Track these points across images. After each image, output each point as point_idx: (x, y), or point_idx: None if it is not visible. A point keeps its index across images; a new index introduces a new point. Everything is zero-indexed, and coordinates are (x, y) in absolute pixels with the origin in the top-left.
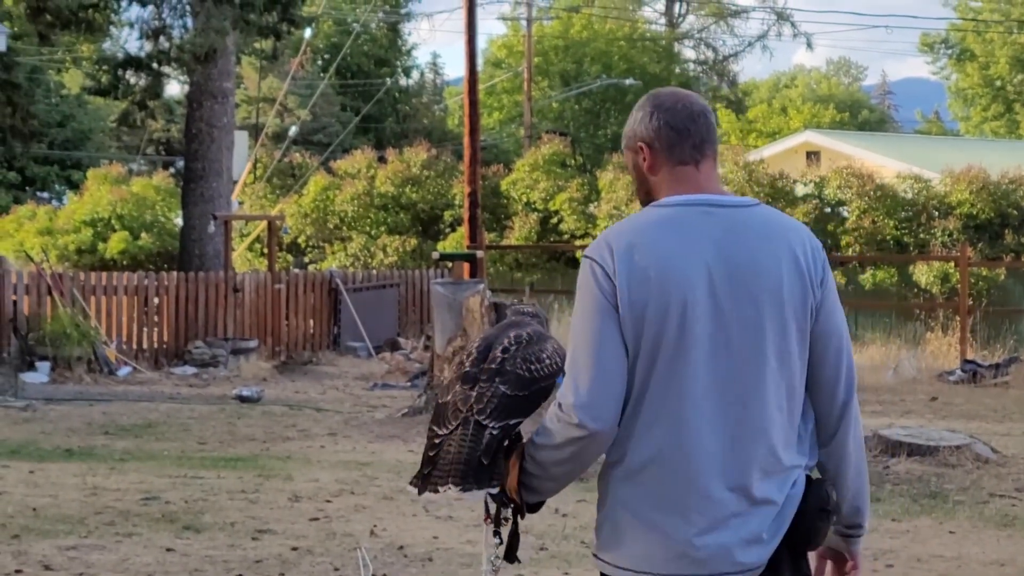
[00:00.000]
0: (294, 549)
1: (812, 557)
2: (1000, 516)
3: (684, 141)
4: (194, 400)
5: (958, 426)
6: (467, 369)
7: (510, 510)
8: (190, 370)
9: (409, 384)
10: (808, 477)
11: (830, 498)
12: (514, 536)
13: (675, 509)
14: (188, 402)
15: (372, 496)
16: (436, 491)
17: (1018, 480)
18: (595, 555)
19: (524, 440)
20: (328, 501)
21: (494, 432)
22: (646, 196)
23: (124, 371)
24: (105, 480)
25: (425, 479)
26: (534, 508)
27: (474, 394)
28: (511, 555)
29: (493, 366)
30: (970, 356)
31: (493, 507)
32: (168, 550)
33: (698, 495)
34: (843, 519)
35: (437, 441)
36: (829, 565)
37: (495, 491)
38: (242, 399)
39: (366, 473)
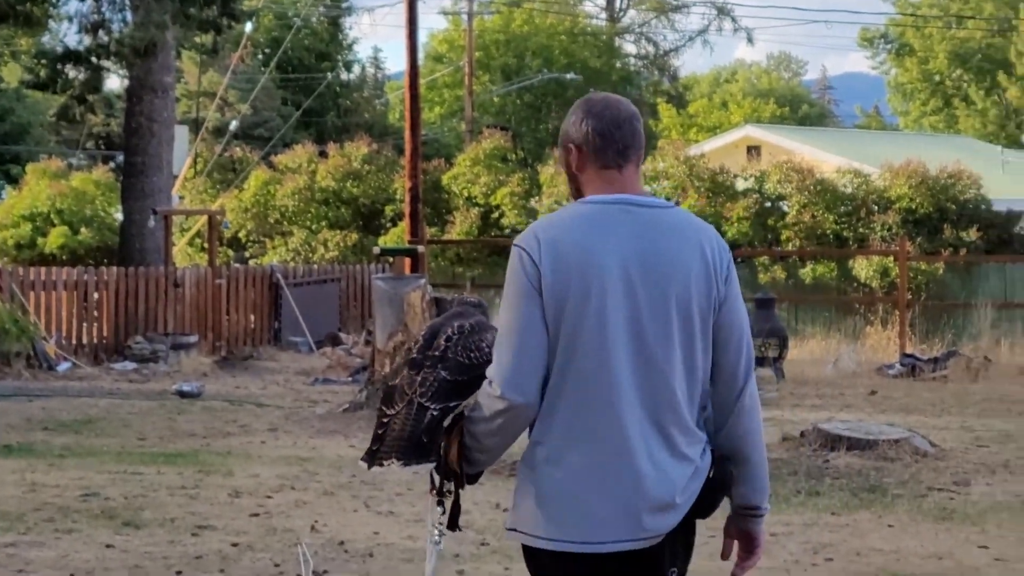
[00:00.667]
0: (234, 545)
1: (702, 539)
2: (938, 510)
3: (609, 147)
4: (134, 396)
5: (897, 420)
6: (414, 356)
7: (452, 483)
8: (130, 365)
9: (350, 379)
10: (713, 453)
11: (732, 476)
12: (456, 506)
13: (595, 483)
14: (128, 398)
15: (313, 492)
16: (382, 465)
17: (956, 474)
18: (513, 529)
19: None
20: (269, 497)
21: (434, 413)
22: (576, 192)
23: (63, 367)
24: (44, 476)
25: (373, 455)
26: (473, 479)
27: (419, 378)
28: (454, 523)
29: (436, 353)
30: (909, 350)
31: (437, 480)
32: (108, 546)
33: (616, 469)
34: (748, 500)
35: (385, 420)
36: (736, 545)
37: (432, 464)
38: (182, 394)
39: (307, 469)
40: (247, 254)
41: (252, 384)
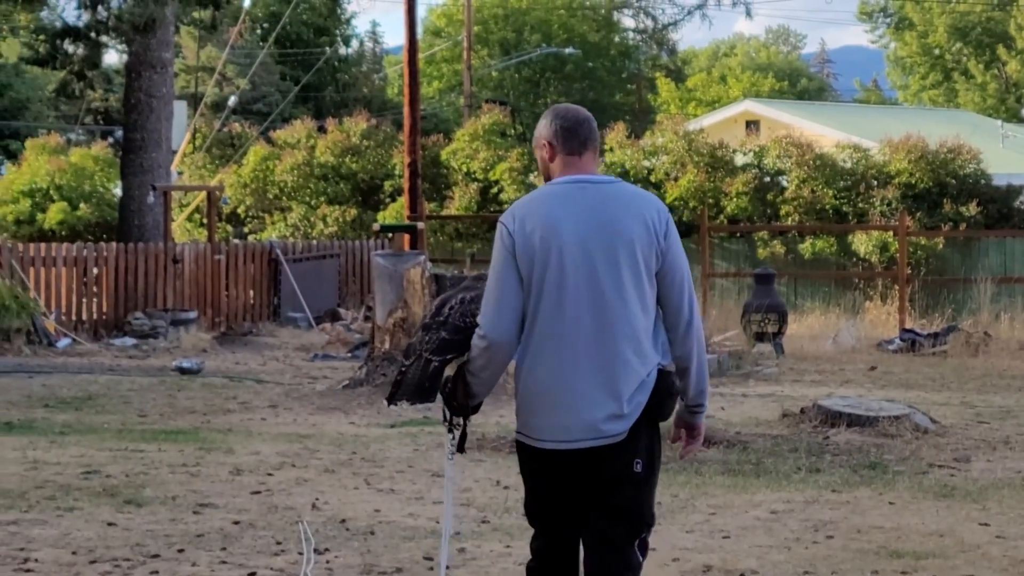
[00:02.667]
0: (236, 523)
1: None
2: (939, 487)
3: (573, 138)
4: (134, 372)
5: (897, 395)
6: (426, 320)
7: (460, 418)
8: (130, 341)
9: (350, 355)
10: (659, 369)
11: (675, 385)
12: (463, 435)
13: (562, 398)
14: (128, 374)
15: (314, 469)
16: (396, 404)
17: (956, 450)
18: (516, 432)
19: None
20: (270, 474)
21: (435, 364)
22: (547, 179)
23: (63, 343)
24: (45, 454)
25: (392, 396)
26: (475, 410)
27: (427, 338)
28: (462, 447)
29: (440, 319)
30: (909, 325)
31: (448, 415)
32: (109, 524)
33: (574, 385)
34: (690, 400)
35: (403, 369)
36: (683, 433)
37: (431, 403)
38: (182, 371)
39: (307, 446)
40: (246, 230)
41: (252, 360)
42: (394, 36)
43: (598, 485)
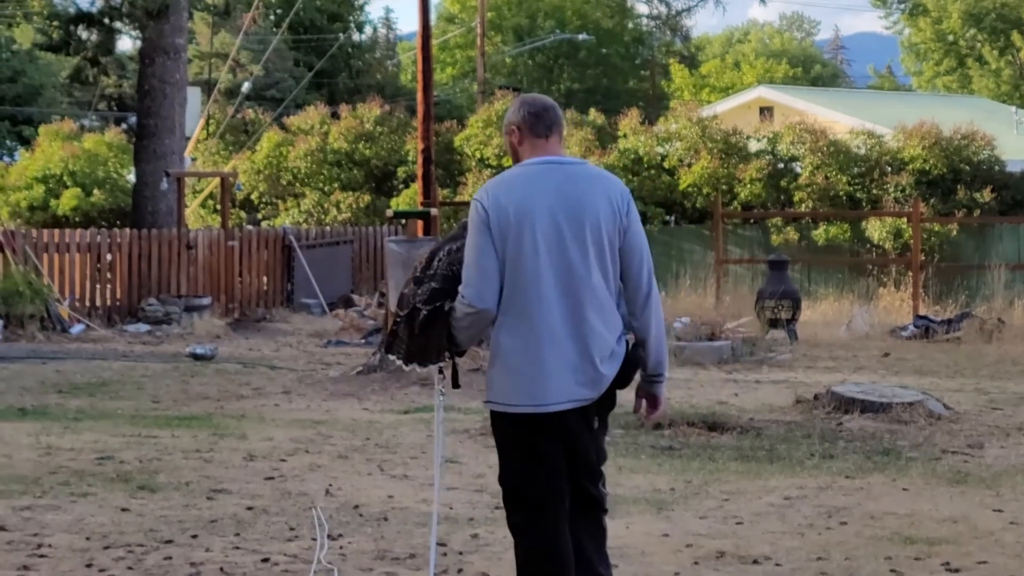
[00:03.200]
0: (249, 509)
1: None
2: (952, 473)
3: (539, 123)
4: (147, 358)
5: (910, 382)
6: (417, 274)
7: (449, 358)
8: (143, 327)
9: (363, 341)
10: (627, 341)
11: (641, 357)
12: (455, 374)
13: (537, 366)
14: (141, 360)
15: (327, 455)
16: (392, 355)
17: (970, 437)
18: (488, 401)
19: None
20: (283, 460)
21: (425, 313)
22: (517, 161)
23: (77, 329)
24: (59, 439)
25: (389, 345)
26: (461, 354)
27: (419, 289)
28: (455, 383)
29: (430, 272)
30: (922, 312)
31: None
32: (123, 510)
33: (552, 353)
34: (650, 370)
35: (397, 320)
36: (644, 402)
37: (425, 368)
38: (196, 357)
39: (321, 432)
40: (259, 216)
41: (265, 346)
42: (408, 22)
43: (566, 445)
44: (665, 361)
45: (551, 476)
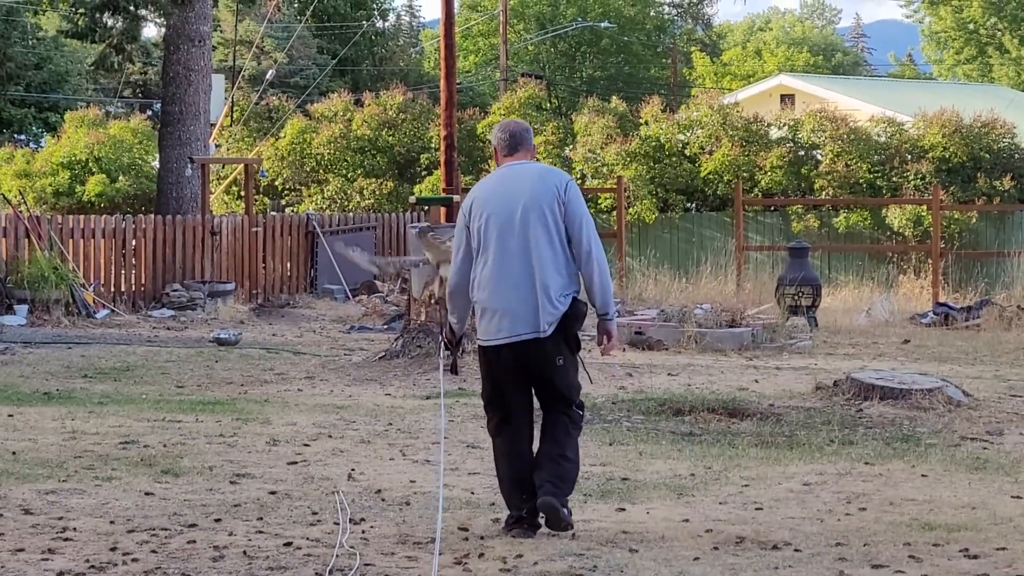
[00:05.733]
0: (272, 493)
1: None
2: (972, 459)
3: (508, 144)
4: (172, 343)
5: (930, 369)
6: None
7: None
8: (168, 313)
9: (386, 327)
10: (572, 297)
11: (580, 308)
12: (454, 362)
13: (507, 308)
14: (166, 345)
15: (350, 440)
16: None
17: (989, 423)
18: (479, 339)
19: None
20: (306, 445)
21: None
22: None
23: (102, 314)
24: (84, 424)
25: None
26: (456, 338)
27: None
28: (455, 370)
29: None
30: (942, 299)
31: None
32: (147, 494)
33: (517, 298)
34: (598, 310)
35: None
36: (604, 338)
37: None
38: (220, 342)
39: (343, 416)
40: (283, 202)
41: (288, 332)
42: (431, 10)
43: (534, 373)
44: (610, 303)
45: (512, 391)
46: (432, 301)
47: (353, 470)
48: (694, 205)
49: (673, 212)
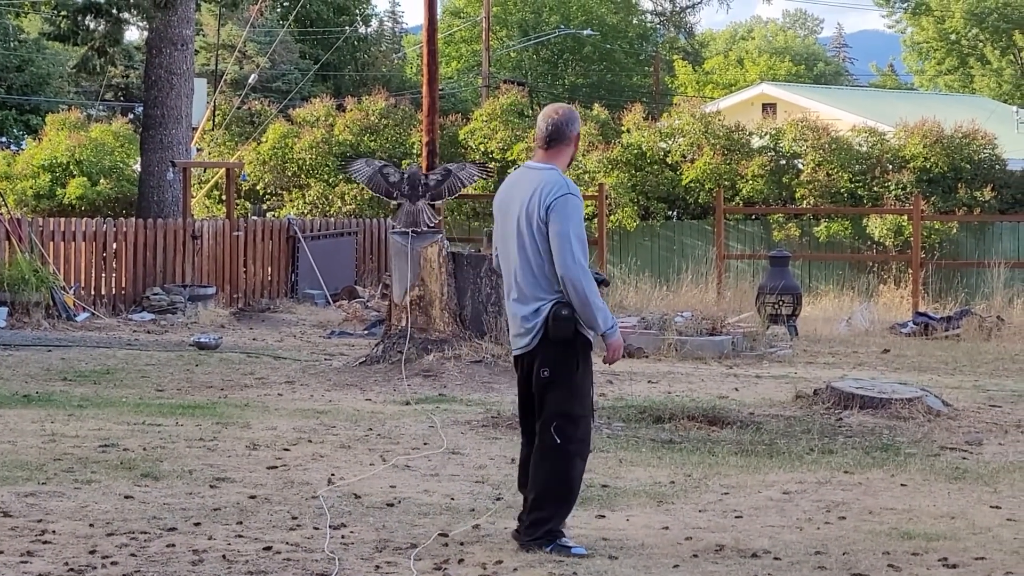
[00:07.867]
0: (252, 497)
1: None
2: (951, 469)
3: (540, 136)
4: (152, 346)
5: (910, 378)
6: None
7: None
8: (148, 316)
9: (366, 332)
10: (555, 301)
11: (562, 316)
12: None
13: (510, 320)
14: (146, 348)
15: (330, 445)
16: None
17: (969, 433)
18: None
19: None
20: (286, 449)
21: None
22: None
23: (82, 317)
24: (64, 427)
25: None
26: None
27: None
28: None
29: None
30: (922, 309)
31: None
32: (127, 497)
33: (513, 310)
34: (587, 328)
35: None
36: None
37: None
38: (200, 346)
39: (323, 421)
40: (265, 207)
41: (269, 336)
42: (414, 16)
43: (523, 379)
44: (594, 319)
45: (520, 404)
46: (413, 306)
47: (333, 475)
48: (675, 213)
49: (654, 220)
